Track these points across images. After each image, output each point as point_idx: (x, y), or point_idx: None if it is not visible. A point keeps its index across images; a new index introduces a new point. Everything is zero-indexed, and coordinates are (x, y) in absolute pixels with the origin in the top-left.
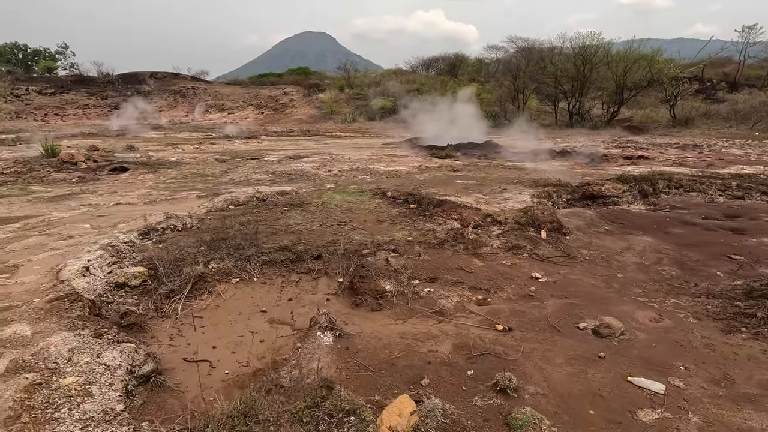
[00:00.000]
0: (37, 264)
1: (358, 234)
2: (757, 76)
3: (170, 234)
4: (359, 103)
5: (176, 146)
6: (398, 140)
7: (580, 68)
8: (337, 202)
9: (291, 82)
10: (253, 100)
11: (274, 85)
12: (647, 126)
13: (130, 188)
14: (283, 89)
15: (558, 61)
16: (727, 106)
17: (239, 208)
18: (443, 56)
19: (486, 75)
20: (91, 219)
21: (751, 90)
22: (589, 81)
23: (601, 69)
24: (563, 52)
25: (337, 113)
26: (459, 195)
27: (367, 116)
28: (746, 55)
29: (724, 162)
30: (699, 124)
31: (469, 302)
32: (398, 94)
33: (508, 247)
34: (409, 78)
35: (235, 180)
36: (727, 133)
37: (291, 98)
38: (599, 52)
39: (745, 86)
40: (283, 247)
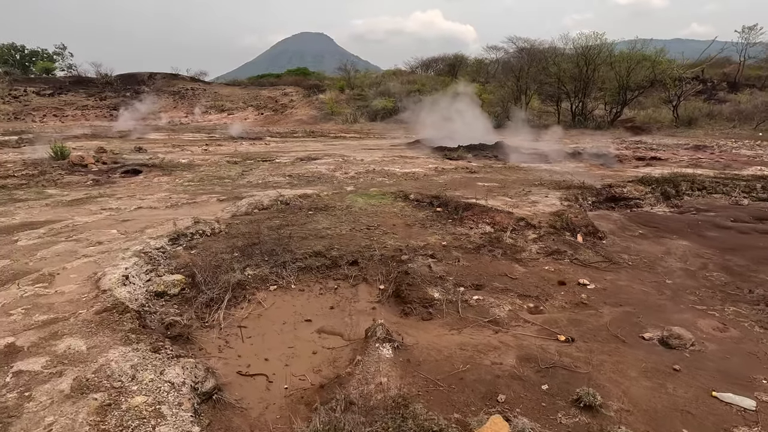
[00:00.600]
0: (73, 272)
1: (391, 238)
2: (756, 76)
3: (199, 239)
4: (360, 104)
5: (183, 148)
6: (405, 141)
7: (582, 69)
8: (361, 205)
9: (290, 82)
10: (252, 101)
11: (273, 85)
12: (650, 126)
13: (147, 191)
14: (282, 90)
15: (560, 61)
16: (729, 107)
17: (264, 212)
18: (442, 57)
19: (486, 75)
20: (116, 224)
21: (752, 90)
22: (591, 81)
23: (603, 69)
24: (565, 53)
25: (338, 114)
26: (485, 198)
27: (368, 117)
28: (746, 55)
29: (739, 163)
30: (702, 125)
31: (521, 310)
32: (399, 95)
33: (548, 252)
34: (410, 78)
35: (252, 183)
36: (732, 134)
37: (291, 99)
38: (602, 52)
39: (746, 86)
40: (316, 252)
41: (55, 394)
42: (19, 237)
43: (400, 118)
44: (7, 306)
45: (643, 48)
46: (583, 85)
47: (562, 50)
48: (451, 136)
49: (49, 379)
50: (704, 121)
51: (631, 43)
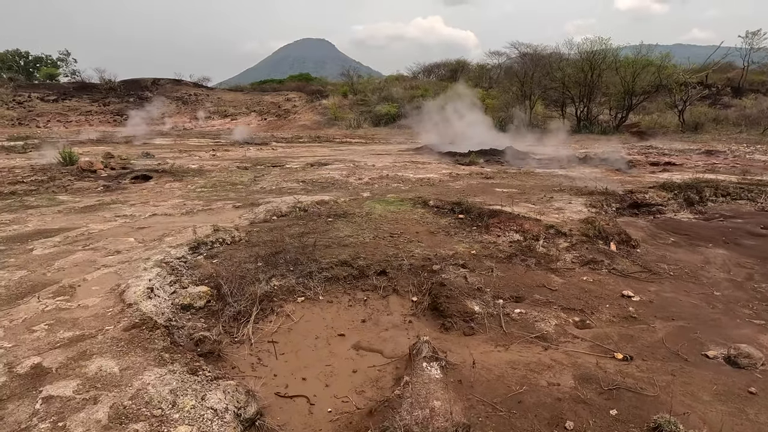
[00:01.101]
0: (95, 284)
1: (417, 247)
2: (760, 81)
3: (220, 248)
4: (363, 109)
5: (191, 153)
6: (413, 146)
7: (587, 74)
8: (380, 212)
9: (293, 88)
10: (255, 107)
11: (276, 91)
12: (656, 131)
13: (161, 198)
14: (285, 95)
15: (565, 66)
16: (735, 111)
17: (283, 219)
18: (444, 62)
19: (488, 81)
20: (133, 232)
21: (756, 95)
22: (596, 86)
23: (608, 74)
24: (570, 58)
25: (342, 119)
26: (510, 205)
27: (371, 122)
28: (750, 60)
29: (758, 168)
30: (709, 129)
31: (568, 325)
32: (402, 101)
33: (584, 262)
34: (413, 84)
35: (266, 189)
36: (739, 138)
37: (294, 104)
38: (607, 57)
39: (750, 91)
40: (342, 261)
41: (91, 424)
42: (33, 245)
43: (404, 123)
44: (29, 321)
45: (648, 53)
46: (588, 90)
47: (567, 55)
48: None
49: (83, 406)
50: (711, 126)
51: (635, 48)
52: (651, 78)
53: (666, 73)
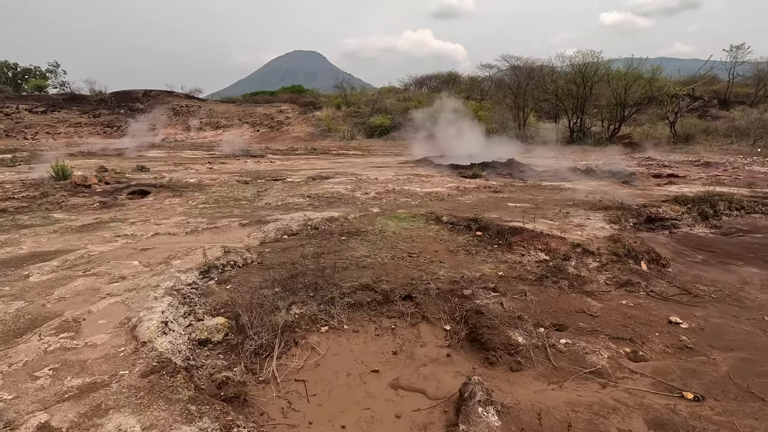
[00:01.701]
0: (101, 317)
1: (439, 268)
2: (745, 93)
3: (231, 271)
4: (356, 121)
5: (187, 166)
6: (412, 159)
7: (580, 86)
8: (394, 229)
9: (285, 99)
10: (248, 118)
11: (268, 102)
12: (647, 142)
13: (162, 215)
14: (278, 107)
15: (558, 78)
16: (724, 123)
17: (294, 239)
18: (436, 74)
19: (480, 93)
20: (136, 253)
21: (743, 107)
22: (589, 98)
23: (600, 86)
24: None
25: (335, 131)
26: (530, 221)
27: (365, 134)
28: (735, 73)
29: (762, 180)
30: (700, 141)
31: (621, 357)
32: (396, 112)
33: (619, 284)
34: (406, 96)
35: (271, 204)
36: (731, 149)
37: (287, 116)
38: (599, 70)
39: (736, 103)
40: (364, 285)
41: None
42: (30, 271)
43: (398, 135)
44: (31, 365)
45: (639, 66)
46: (581, 102)
47: (560, 68)
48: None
49: None
50: (701, 137)
51: (627, 61)
52: (642, 90)
53: (657, 85)
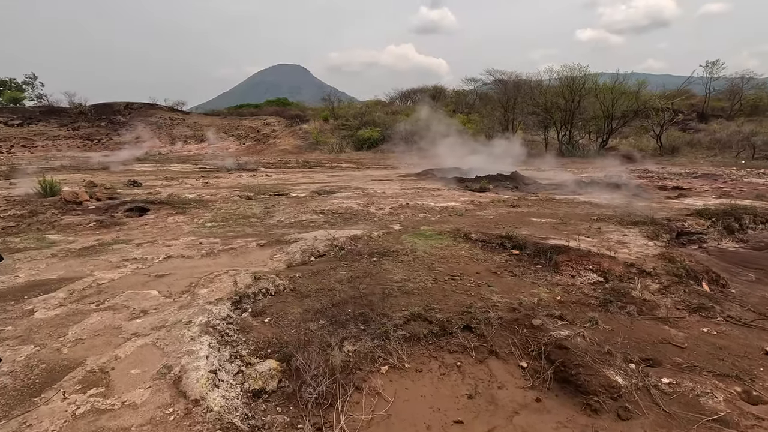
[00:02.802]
0: (133, 364)
1: (490, 292)
2: (720, 107)
3: (264, 300)
4: (344, 134)
5: (180, 180)
6: (412, 171)
7: (568, 99)
8: (423, 247)
9: (271, 112)
10: (233, 131)
11: (254, 115)
12: (634, 154)
13: (169, 235)
14: (264, 120)
15: (547, 91)
16: (705, 136)
17: (322, 261)
18: (422, 88)
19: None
20: (151, 281)
21: (720, 120)
22: (577, 111)
23: (589, 99)
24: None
25: (324, 144)
26: (562, 237)
27: (354, 146)
28: (711, 88)
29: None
30: (685, 153)
31: (736, 399)
32: (385, 125)
33: (691, 308)
34: (394, 109)
35: (284, 222)
36: (716, 161)
37: (273, 129)
38: (586, 83)
39: (713, 116)
40: (415, 314)
41: None
42: (33, 305)
43: (387, 147)
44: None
45: (624, 80)
46: (570, 115)
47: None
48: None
49: None
50: (686, 149)
51: (613, 75)
52: (629, 103)
53: (643, 99)
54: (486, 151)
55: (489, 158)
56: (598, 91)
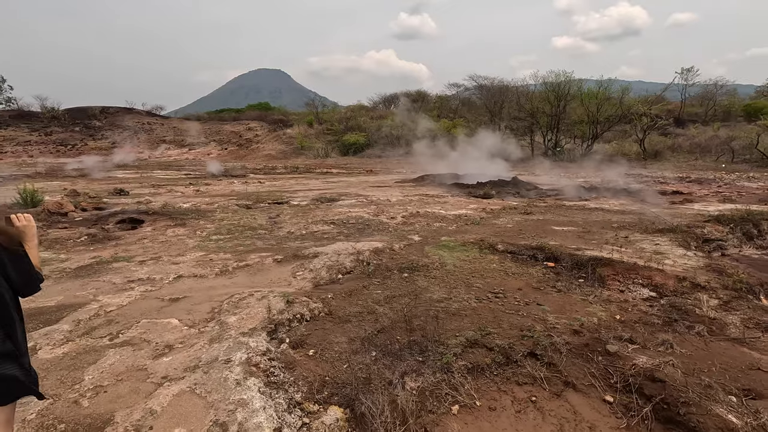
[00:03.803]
0: (174, 421)
1: (542, 312)
2: (694, 112)
3: (300, 327)
4: (329, 138)
5: (168, 188)
6: (408, 177)
7: (554, 104)
8: (452, 260)
9: (253, 117)
10: (215, 136)
11: (235, 120)
12: (618, 159)
13: (173, 250)
14: (246, 124)
15: (533, 97)
16: (685, 140)
17: (350, 278)
18: (405, 93)
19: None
20: (167, 307)
21: (697, 125)
22: (563, 117)
23: (574, 105)
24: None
25: (309, 149)
26: (594, 248)
27: (339, 151)
28: (686, 94)
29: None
30: (668, 157)
31: None
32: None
33: (762, 327)
34: (380, 114)
35: (296, 234)
36: (698, 165)
37: (256, 134)
38: (571, 89)
39: (689, 122)
40: (471, 341)
41: None
42: (34, 340)
43: (374, 152)
44: None
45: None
46: (556, 120)
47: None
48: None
49: None
50: (668, 153)
51: (599, 82)
52: (613, 109)
53: (627, 104)
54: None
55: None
56: (583, 96)
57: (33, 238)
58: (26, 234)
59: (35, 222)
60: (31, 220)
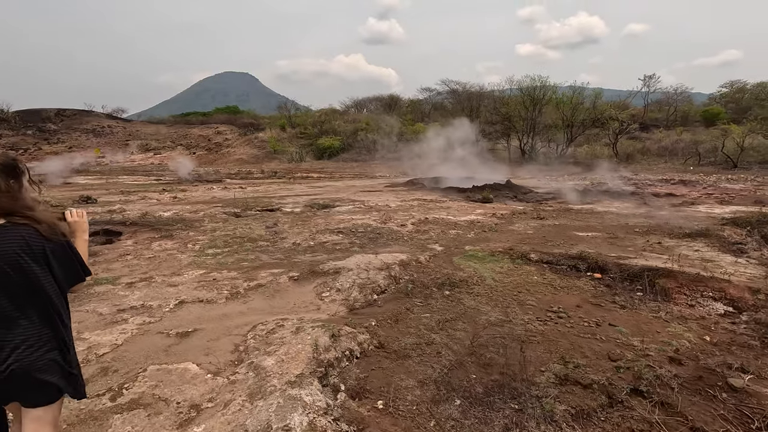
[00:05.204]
0: None
1: (621, 334)
2: (655, 117)
3: (353, 368)
4: (303, 142)
5: (140, 195)
6: (396, 180)
7: (529, 108)
8: (488, 273)
9: (222, 120)
10: (181, 140)
11: (203, 124)
12: (591, 162)
13: (164, 268)
14: (215, 128)
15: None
16: (652, 144)
17: (388, 298)
18: (377, 97)
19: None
20: (175, 345)
21: (661, 129)
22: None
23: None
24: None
25: (282, 153)
26: (638, 256)
27: (314, 155)
28: (648, 99)
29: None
30: (639, 160)
31: None
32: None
33: None
34: (355, 117)
35: (303, 245)
36: (668, 167)
37: (225, 138)
38: (546, 94)
39: (653, 127)
40: (561, 377)
41: None
42: None
43: (350, 156)
44: None
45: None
46: (532, 123)
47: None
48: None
49: None
50: (639, 156)
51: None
52: (587, 113)
53: (600, 109)
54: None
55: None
56: (558, 101)
57: (83, 234)
58: (76, 229)
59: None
60: (83, 216)
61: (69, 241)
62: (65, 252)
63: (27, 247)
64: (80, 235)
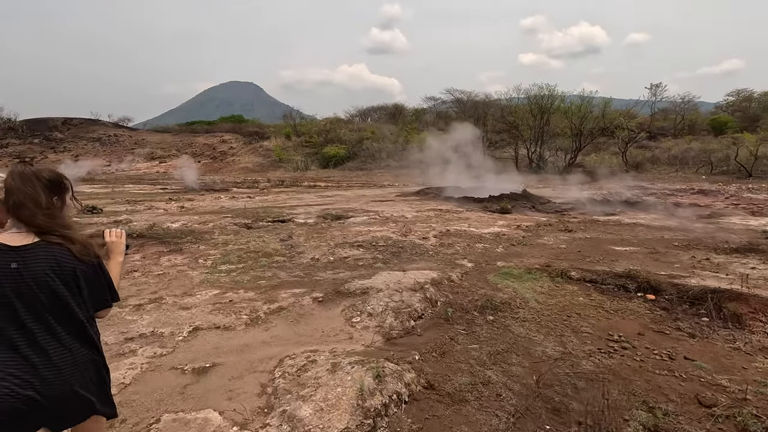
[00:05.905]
0: None
1: (703, 371)
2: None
3: (403, 417)
4: (308, 151)
5: (147, 204)
6: (407, 189)
7: (537, 117)
8: (530, 294)
9: (227, 129)
10: (187, 148)
11: (208, 132)
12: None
13: (175, 287)
14: (220, 137)
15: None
16: (662, 152)
17: (427, 325)
18: (382, 106)
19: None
20: (192, 385)
21: (669, 138)
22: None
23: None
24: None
25: (287, 161)
26: (689, 275)
27: (319, 164)
28: (655, 108)
29: None
30: (649, 169)
31: None
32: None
33: None
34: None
35: (322, 261)
36: (679, 176)
37: (230, 146)
38: (554, 103)
39: (660, 135)
40: (650, 429)
41: None
42: None
43: (355, 165)
44: None
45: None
46: (540, 132)
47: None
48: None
49: None
50: (649, 165)
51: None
52: (596, 122)
53: (609, 118)
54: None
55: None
56: (566, 109)
57: (118, 256)
58: (112, 250)
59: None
60: (122, 236)
61: (101, 262)
62: (96, 273)
63: (58, 267)
64: (115, 257)
